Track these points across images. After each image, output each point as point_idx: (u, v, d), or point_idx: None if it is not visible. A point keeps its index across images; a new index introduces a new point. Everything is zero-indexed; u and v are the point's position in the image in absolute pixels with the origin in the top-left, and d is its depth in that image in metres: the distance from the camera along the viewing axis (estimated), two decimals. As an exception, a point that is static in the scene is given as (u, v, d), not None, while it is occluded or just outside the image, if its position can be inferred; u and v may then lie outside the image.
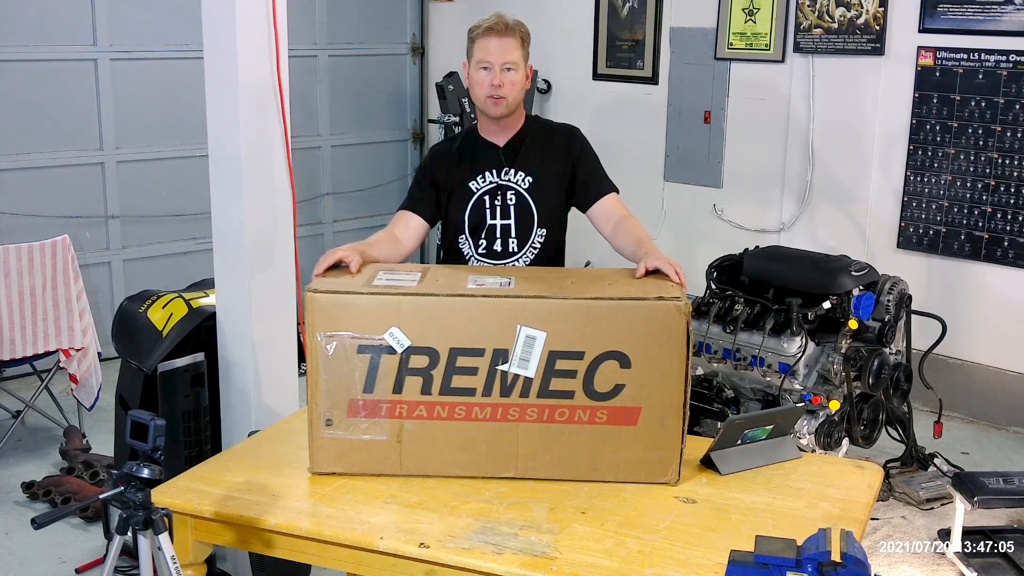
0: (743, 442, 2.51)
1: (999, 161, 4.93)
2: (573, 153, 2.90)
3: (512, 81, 2.78)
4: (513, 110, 2.85)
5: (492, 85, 2.77)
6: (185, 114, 5.60)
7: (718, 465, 2.46)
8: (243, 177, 3.24)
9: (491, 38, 2.77)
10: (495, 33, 2.77)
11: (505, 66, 2.77)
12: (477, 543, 2.12)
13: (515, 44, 2.78)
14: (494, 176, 2.87)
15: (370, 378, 2.36)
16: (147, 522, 2.21)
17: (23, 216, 5.36)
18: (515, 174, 2.86)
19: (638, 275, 2.50)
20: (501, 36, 2.76)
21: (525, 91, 2.86)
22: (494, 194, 2.87)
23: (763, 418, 2.62)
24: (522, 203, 2.86)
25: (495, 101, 2.80)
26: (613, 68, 6.27)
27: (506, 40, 2.77)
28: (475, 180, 2.87)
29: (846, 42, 5.28)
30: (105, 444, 4.39)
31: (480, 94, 2.81)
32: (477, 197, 2.86)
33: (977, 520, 3.94)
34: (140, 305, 3.57)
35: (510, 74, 2.78)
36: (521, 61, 2.80)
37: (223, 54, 3.20)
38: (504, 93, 2.78)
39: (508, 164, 2.87)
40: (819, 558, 1.86)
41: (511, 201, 2.86)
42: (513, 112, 2.85)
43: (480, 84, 2.80)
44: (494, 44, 2.77)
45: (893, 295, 4.18)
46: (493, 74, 2.77)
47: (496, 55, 2.76)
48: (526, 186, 2.86)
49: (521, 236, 2.87)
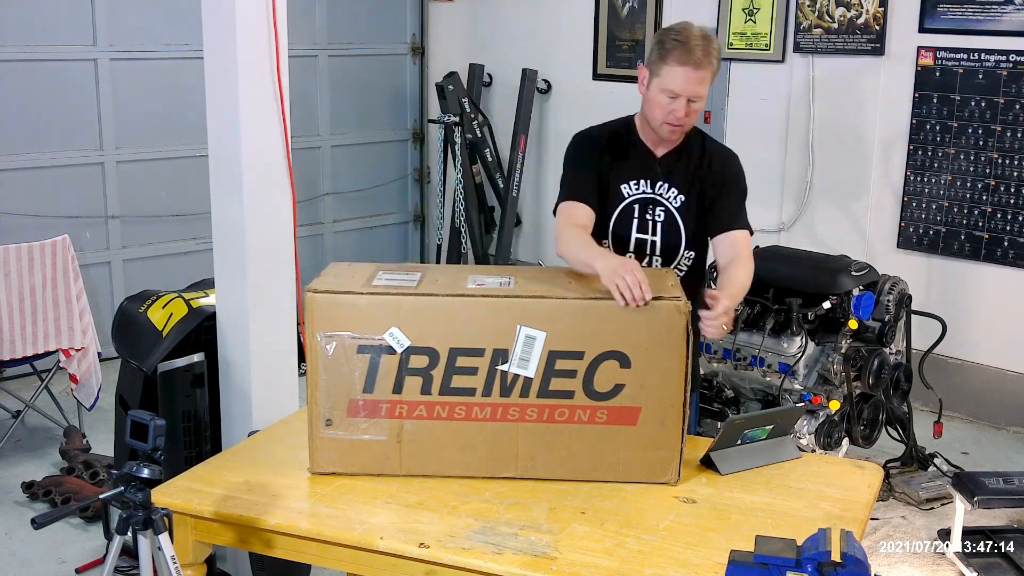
0: (743, 442, 2.51)
1: (999, 161, 4.93)
2: (726, 180, 2.75)
3: (696, 110, 2.62)
4: None
5: (675, 115, 2.61)
6: (185, 114, 5.59)
7: (718, 465, 2.46)
8: (243, 177, 3.24)
9: (687, 69, 2.56)
10: (692, 64, 2.55)
11: (692, 98, 2.60)
12: (477, 543, 2.12)
13: (708, 75, 2.59)
14: (647, 186, 2.73)
15: (370, 378, 2.36)
16: (147, 522, 2.21)
17: (23, 216, 5.36)
18: (668, 190, 2.72)
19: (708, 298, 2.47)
20: (698, 67, 2.56)
21: None
22: (644, 206, 2.73)
23: (763, 418, 2.62)
24: (670, 221, 2.72)
25: (672, 128, 2.64)
26: (613, 68, 6.28)
27: (701, 72, 2.57)
28: (627, 184, 2.72)
29: (846, 42, 5.27)
30: (105, 444, 4.39)
31: (657, 116, 2.65)
32: (627, 204, 2.72)
33: (977, 520, 3.94)
34: (140, 305, 3.57)
35: (696, 104, 2.61)
36: (708, 89, 2.62)
37: (223, 54, 3.20)
38: (685, 123, 2.64)
39: (663, 179, 2.72)
40: (819, 558, 1.86)
41: (659, 218, 2.72)
42: None
43: (660, 107, 2.62)
44: (689, 76, 2.57)
45: (893, 295, 4.18)
46: (678, 105, 2.60)
47: (687, 89, 2.58)
48: (677, 204, 2.72)
49: (666, 255, 2.74)
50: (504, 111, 6.71)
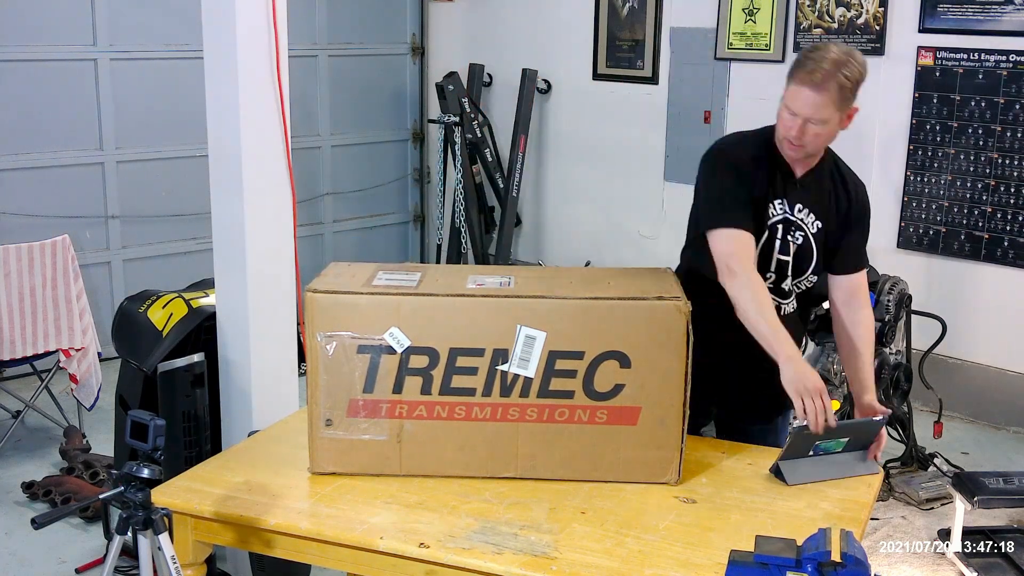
0: (815, 453, 2.46)
1: (999, 161, 4.92)
2: (858, 215, 2.71)
3: (816, 133, 2.54)
4: (811, 155, 2.65)
5: (791, 133, 2.55)
6: (185, 114, 5.59)
7: (785, 475, 2.42)
8: (243, 177, 3.24)
9: (804, 88, 2.51)
10: (810, 85, 2.49)
11: (811, 120, 2.53)
12: (477, 543, 2.12)
13: (830, 99, 2.49)
14: (787, 207, 2.66)
15: (370, 378, 2.36)
16: (147, 522, 2.21)
17: (23, 216, 5.36)
18: (807, 215, 2.67)
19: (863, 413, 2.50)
20: (816, 90, 2.49)
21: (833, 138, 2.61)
22: (787, 228, 2.66)
23: (837, 430, 2.47)
24: (806, 246, 2.67)
25: (790, 146, 2.59)
26: (613, 68, 6.27)
27: (820, 95, 2.49)
28: (773, 204, 2.65)
29: (846, 42, 5.27)
30: (105, 444, 4.39)
31: (780, 131, 2.60)
32: (772, 224, 2.65)
33: (977, 520, 3.94)
34: (140, 305, 3.57)
35: (815, 127, 2.53)
36: (834, 116, 2.52)
37: (223, 54, 3.20)
38: (803, 143, 2.57)
39: (803, 201, 2.67)
40: (819, 558, 1.86)
41: (798, 241, 2.67)
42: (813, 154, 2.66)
43: (783, 123, 2.58)
44: (806, 97, 2.51)
45: (893, 295, 4.18)
46: (796, 124, 2.54)
47: (804, 109, 2.52)
48: (814, 231, 2.67)
49: (794, 276, 2.70)
50: (504, 111, 6.71)
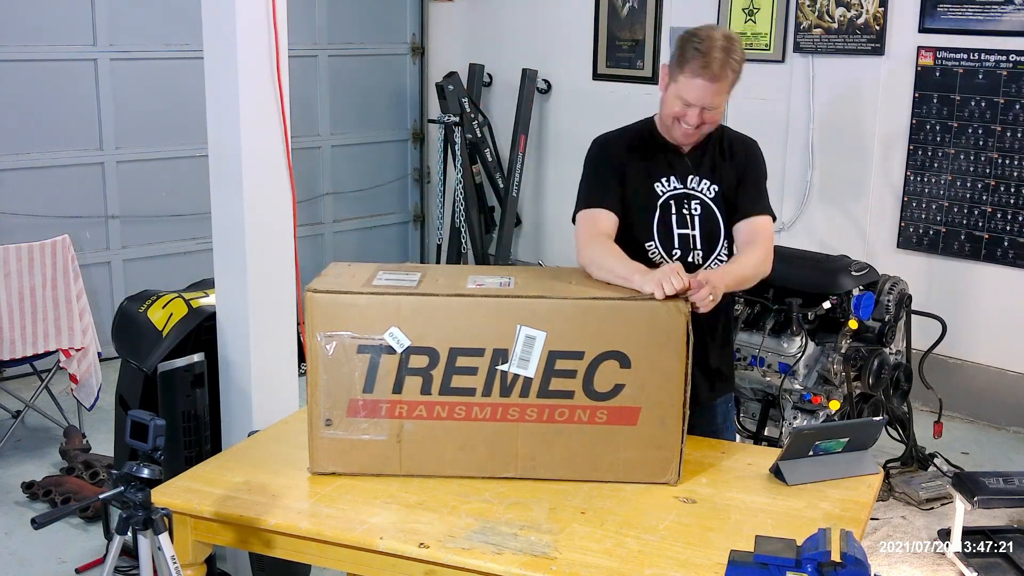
0: (815, 453, 2.46)
1: (999, 161, 4.93)
2: (748, 165, 2.74)
3: (711, 118, 2.60)
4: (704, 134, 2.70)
5: (687, 121, 2.59)
6: (185, 114, 5.59)
7: (785, 475, 2.42)
8: (243, 177, 3.24)
9: (700, 80, 2.53)
10: (707, 77, 2.52)
11: (707, 107, 2.57)
12: (477, 543, 2.12)
13: (725, 87, 2.55)
14: (679, 182, 2.70)
15: (370, 378, 2.36)
16: (147, 522, 2.21)
17: (23, 216, 5.36)
18: (700, 182, 2.71)
19: None
20: (713, 80, 2.53)
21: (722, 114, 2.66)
22: (680, 201, 2.70)
23: (837, 430, 2.50)
24: (708, 213, 2.70)
25: (687, 133, 2.63)
26: (613, 68, 6.28)
27: (717, 84, 2.53)
28: (660, 182, 2.70)
29: (846, 42, 5.28)
30: (105, 444, 4.39)
31: (671, 116, 2.63)
32: (663, 201, 2.69)
33: (977, 520, 3.94)
34: (140, 305, 3.57)
35: (710, 113, 2.59)
36: (726, 97, 2.59)
37: (223, 54, 3.20)
38: (701, 129, 2.62)
39: (694, 171, 2.71)
40: (819, 558, 1.86)
41: (696, 211, 2.69)
42: None
43: (675, 113, 2.61)
44: (704, 88, 2.54)
45: (893, 295, 4.18)
46: (692, 112, 2.58)
47: (702, 100, 2.56)
48: (711, 195, 2.70)
49: (707, 247, 2.71)
50: (504, 111, 6.72)
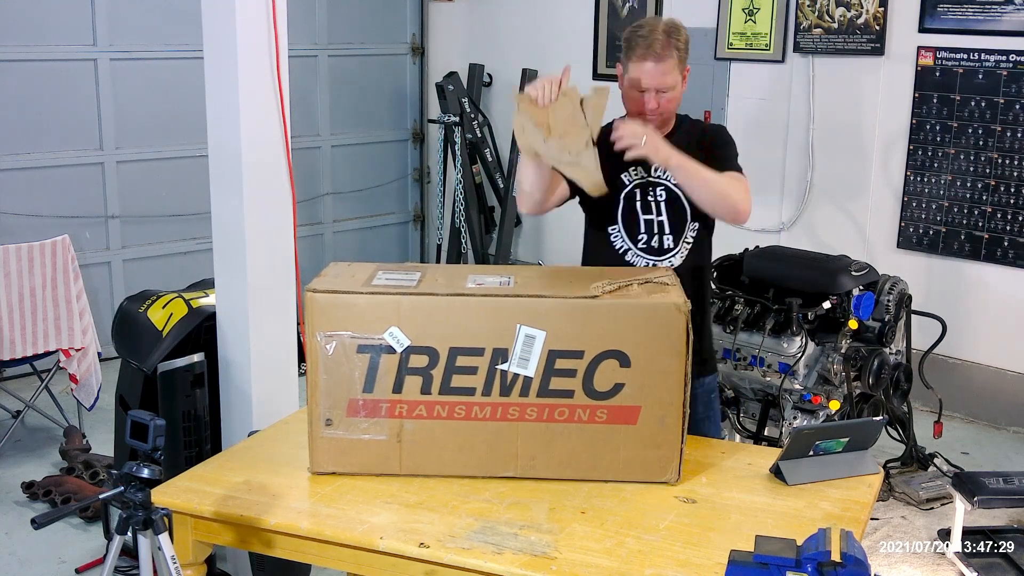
0: (815, 453, 2.46)
1: (999, 161, 4.93)
2: (716, 142, 2.82)
3: (668, 99, 2.71)
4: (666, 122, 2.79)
5: (647, 106, 2.70)
6: (185, 114, 5.60)
7: (785, 475, 2.42)
8: (243, 177, 3.24)
9: (647, 63, 2.66)
10: (653, 58, 2.65)
11: (661, 89, 2.69)
12: (477, 543, 2.12)
13: (672, 65, 2.67)
14: (644, 171, 2.80)
15: (370, 378, 2.36)
16: (147, 522, 2.21)
17: (23, 216, 5.36)
18: (664, 170, 2.78)
19: None
20: (659, 60, 2.65)
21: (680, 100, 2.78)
22: (645, 189, 2.80)
23: (837, 430, 2.53)
24: (672, 199, 2.79)
25: (648, 119, 2.71)
26: (613, 68, 6.25)
27: (663, 64, 2.65)
28: (627, 172, 2.80)
29: (846, 42, 5.28)
30: (105, 444, 4.39)
31: (632, 110, 2.74)
32: (628, 190, 2.80)
33: (977, 520, 3.94)
34: (140, 305, 3.57)
35: (666, 95, 2.70)
36: (679, 78, 2.71)
37: (223, 54, 3.20)
38: (659, 112, 2.72)
39: None
40: (819, 558, 1.86)
41: (661, 197, 2.80)
42: None
43: (633, 102, 2.73)
44: (652, 70, 2.66)
45: (893, 295, 4.18)
46: (648, 97, 2.69)
47: (652, 81, 2.67)
48: (675, 181, 2.77)
49: (674, 231, 2.81)
50: (504, 111, 6.72)
